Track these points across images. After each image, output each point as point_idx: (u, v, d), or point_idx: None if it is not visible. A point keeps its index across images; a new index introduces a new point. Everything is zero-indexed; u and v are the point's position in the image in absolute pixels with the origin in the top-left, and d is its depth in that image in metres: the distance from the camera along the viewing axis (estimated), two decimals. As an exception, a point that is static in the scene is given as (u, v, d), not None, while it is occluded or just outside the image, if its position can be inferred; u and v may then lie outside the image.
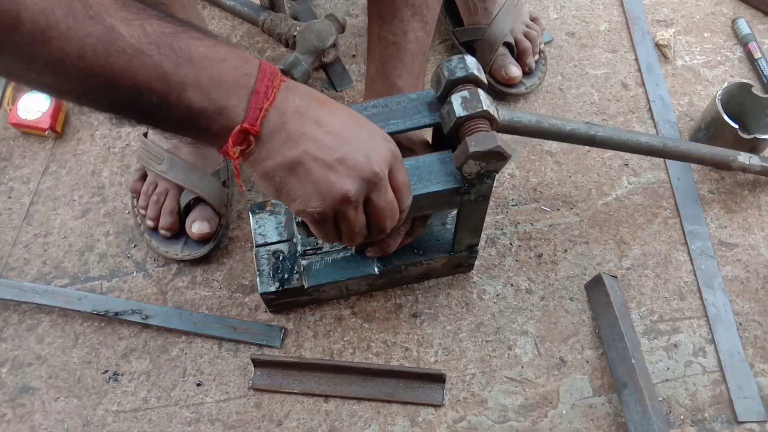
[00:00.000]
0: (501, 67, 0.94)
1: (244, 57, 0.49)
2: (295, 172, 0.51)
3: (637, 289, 0.81)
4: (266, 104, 0.48)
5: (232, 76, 0.47)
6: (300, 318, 0.79)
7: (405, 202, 0.57)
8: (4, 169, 0.91)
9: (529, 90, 0.96)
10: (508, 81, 0.94)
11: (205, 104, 0.47)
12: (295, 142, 0.50)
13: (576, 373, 0.76)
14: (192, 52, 0.46)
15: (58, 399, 0.75)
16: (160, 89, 0.45)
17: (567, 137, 0.74)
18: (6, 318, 0.80)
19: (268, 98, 0.48)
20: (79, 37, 0.42)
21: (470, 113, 0.59)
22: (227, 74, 0.47)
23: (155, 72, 0.45)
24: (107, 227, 0.86)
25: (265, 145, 0.50)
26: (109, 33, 0.43)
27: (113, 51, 0.43)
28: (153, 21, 0.45)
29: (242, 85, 0.48)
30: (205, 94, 0.47)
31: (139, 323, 0.78)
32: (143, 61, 0.44)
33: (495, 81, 0.96)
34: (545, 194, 0.88)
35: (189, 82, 0.46)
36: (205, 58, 0.46)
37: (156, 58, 0.44)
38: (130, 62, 0.44)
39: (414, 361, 0.77)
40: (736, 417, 0.73)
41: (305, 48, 0.93)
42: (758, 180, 0.89)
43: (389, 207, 0.55)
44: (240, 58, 0.49)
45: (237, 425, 0.73)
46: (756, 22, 1.04)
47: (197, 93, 0.46)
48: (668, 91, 0.97)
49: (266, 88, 0.48)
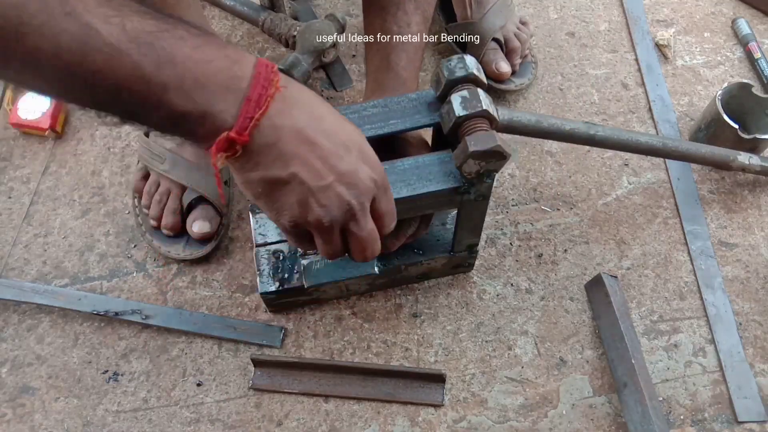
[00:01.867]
0: (491, 62, 0.95)
1: (234, 58, 0.46)
2: (278, 188, 0.50)
3: (637, 289, 0.81)
4: (258, 113, 0.45)
5: (219, 79, 0.45)
6: (300, 318, 0.79)
7: (386, 229, 0.56)
8: (4, 169, 0.91)
9: (518, 88, 0.96)
10: (497, 76, 0.95)
11: (188, 107, 0.44)
12: (285, 162, 0.48)
13: (576, 373, 0.76)
14: (175, 52, 0.43)
15: (58, 399, 0.75)
16: (140, 90, 0.43)
17: (567, 137, 0.74)
18: (6, 318, 0.80)
19: (261, 107, 0.45)
20: (53, 34, 0.40)
21: (470, 113, 0.59)
22: (213, 77, 0.44)
23: (134, 72, 0.43)
24: (107, 227, 0.86)
25: (254, 157, 0.48)
26: (85, 30, 0.41)
27: (89, 49, 0.41)
28: (134, 18, 0.43)
29: (231, 89, 0.45)
30: (188, 97, 0.44)
31: (139, 323, 0.78)
32: (121, 60, 0.42)
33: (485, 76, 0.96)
34: (545, 194, 0.88)
35: (171, 84, 0.43)
36: (189, 58, 0.44)
37: (135, 58, 0.42)
38: (107, 61, 0.42)
39: (414, 361, 0.77)
40: (736, 417, 0.73)
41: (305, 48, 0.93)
42: (758, 180, 0.89)
43: (368, 236, 0.55)
44: (229, 59, 0.45)
45: (237, 425, 0.73)
46: (756, 22, 1.04)
47: (180, 96, 0.44)
48: (668, 91, 0.97)
49: (259, 96, 0.45)
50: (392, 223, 0.57)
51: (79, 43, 0.41)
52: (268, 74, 0.46)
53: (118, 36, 0.42)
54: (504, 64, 0.94)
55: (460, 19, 0.97)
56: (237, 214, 0.86)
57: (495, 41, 0.95)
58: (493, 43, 0.95)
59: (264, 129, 0.46)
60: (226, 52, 0.46)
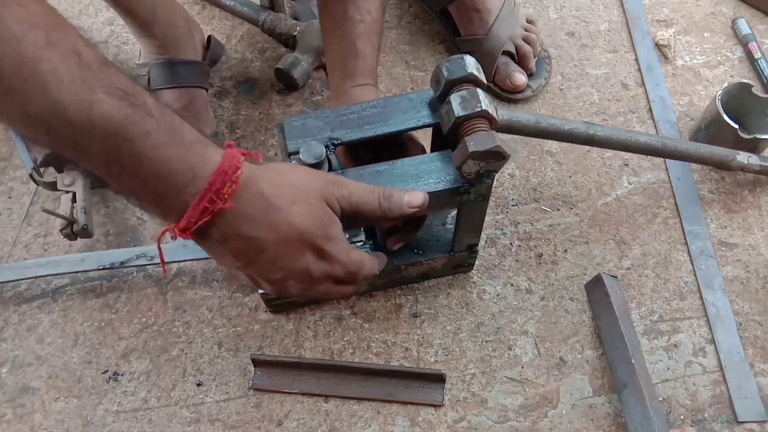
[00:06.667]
0: (505, 77, 0.94)
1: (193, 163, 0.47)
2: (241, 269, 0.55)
3: (637, 289, 0.81)
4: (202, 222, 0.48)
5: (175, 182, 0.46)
6: (300, 318, 0.79)
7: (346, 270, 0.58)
8: (4, 169, 0.91)
9: (536, 93, 0.96)
10: (514, 89, 0.94)
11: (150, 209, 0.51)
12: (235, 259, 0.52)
13: (576, 373, 0.76)
14: (137, 167, 0.45)
15: (58, 399, 0.75)
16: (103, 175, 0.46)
17: (566, 137, 0.74)
18: (6, 318, 0.80)
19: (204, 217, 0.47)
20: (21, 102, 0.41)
21: (469, 113, 0.59)
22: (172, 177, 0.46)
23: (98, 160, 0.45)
24: (107, 227, 0.86)
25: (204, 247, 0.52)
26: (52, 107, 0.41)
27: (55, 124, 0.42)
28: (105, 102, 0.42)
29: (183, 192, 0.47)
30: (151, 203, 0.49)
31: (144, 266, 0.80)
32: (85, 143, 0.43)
33: (501, 90, 0.96)
34: (545, 194, 0.88)
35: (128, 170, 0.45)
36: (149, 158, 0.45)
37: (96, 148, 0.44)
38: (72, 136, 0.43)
39: (414, 361, 0.77)
40: (736, 417, 0.73)
41: (305, 48, 0.94)
42: (758, 180, 0.89)
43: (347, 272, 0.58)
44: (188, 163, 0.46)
45: (237, 425, 0.73)
46: (756, 22, 1.04)
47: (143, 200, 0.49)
48: (668, 91, 0.97)
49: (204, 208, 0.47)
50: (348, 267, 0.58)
51: (46, 116, 0.42)
52: (224, 182, 0.47)
53: (84, 122, 0.42)
54: (519, 76, 0.93)
55: (464, 34, 0.96)
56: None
57: (506, 54, 0.94)
58: (504, 56, 0.94)
59: (211, 232, 0.49)
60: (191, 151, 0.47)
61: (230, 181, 0.47)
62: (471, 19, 0.94)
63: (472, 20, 0.94)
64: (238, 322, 0.79)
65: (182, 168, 0.46)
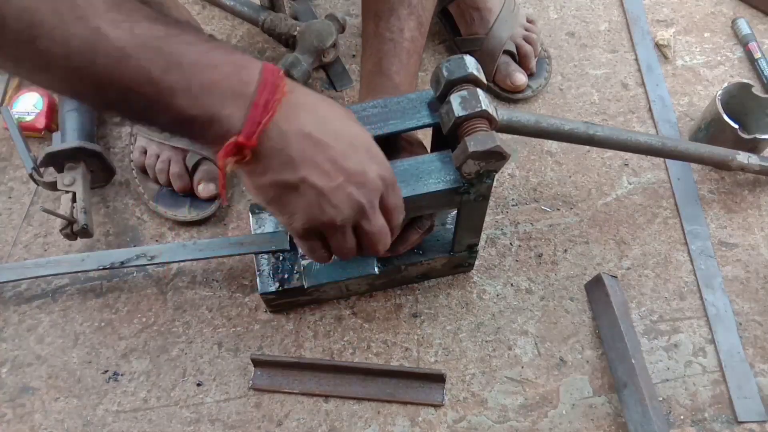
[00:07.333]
0: (506, 76, 0.94)
1: (241, 63, 0.47)
2: (289, 192, 0.50)
3: (637, 289, 0.81)
4: (265, 119, 0.46)
5: (227, 84, 0.45)
6: (300, 318, 0.79)
7: (395, 222, 0.57)
8: (4, 169, 0.91)
9: (536, 93, 0.96)
10: (514, 89, 0.94)
11: (195, 112, 0.45)
12: (295, 166, 0.49)
13: (576, 373, 0.76)
14: (182, 56, 0.44)
15: (58, 399, 0.75)
16: (148, 93, 0.44)
17: (566, 137, 0.74)
18: (6, 318, 0.80)
19: (268, 112, 0.46)
20: (63, 38, 0.41)
21: (469, 113, 0.59)
22: (220, 82, 0.45)
23: (142, 76, 0.43)
24: (107, 227, 0.86)
25: (263, 161, 0.48)
26: (94, 35, 0.42)
27: (98, 53, 0.42)
28: (143, 23, 0.44)
29: (238, 94, 0.46)
30: (196, 101, 0.45)
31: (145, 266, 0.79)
32: (129, 64, 0.43)
33: (501, 89, 0.96)
34: (545, 194, 0.88)
35: (178, 88, 0.44)
36: (196, 63, 0.45)
37: (143, 62, 0.43)
38: (116, 65, 0.43)
39: (414, 361, 0.77)
40: (736, 417, 0.73)
41: (305, 48, 0.94)
42: (758, 180, 0.89)
43: (379, 232, 0.56)
44: (236, 64, 0.46)
45: (237, 425, 0.73)
46: (756, 22, 1.04)
47: (187, 100, 0.45)
48: (668, 91, 0.97)
49: (266, 102, 0.46)
50: (401, 216, 0.58)
51: (88, 46, 0.42)
52: (274, 79, 0.47)
53: (126, 40, 0.43)
54: (519, 76, 0.93)
55: (465, 34, 0.96)
56: (236, 214, 0.87)
57: (506, 53, 0.94)
58: (505, 56, 0.94)
59: (271, 134, 0.47)
60: (233, 57, 0.47)
61: (279, 78, 0.47)
62: (471, 18, 0.94)
63: (472, 19, 0.94)
64: (238, 322, 0.79)
65: (231, 70, 0.46)
